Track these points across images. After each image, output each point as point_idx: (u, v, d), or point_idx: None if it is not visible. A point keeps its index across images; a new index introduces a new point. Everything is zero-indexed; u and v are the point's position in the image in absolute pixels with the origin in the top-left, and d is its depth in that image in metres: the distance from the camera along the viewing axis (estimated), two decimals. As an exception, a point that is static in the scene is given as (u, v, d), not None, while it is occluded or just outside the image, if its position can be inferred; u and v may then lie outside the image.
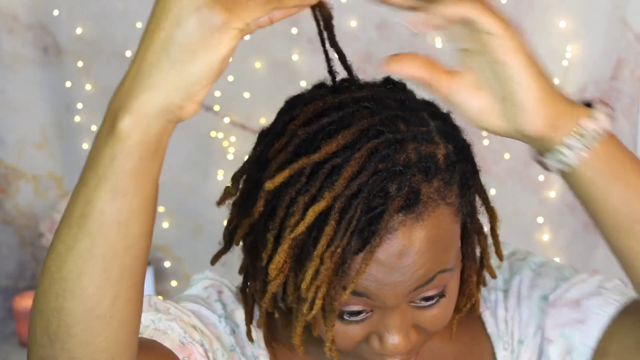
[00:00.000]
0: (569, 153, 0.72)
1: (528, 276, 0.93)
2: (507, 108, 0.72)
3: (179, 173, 2.17)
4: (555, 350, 0.88)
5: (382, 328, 0.79)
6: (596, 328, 0.87)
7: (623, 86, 2.12)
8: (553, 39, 2.10)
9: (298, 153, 0.76)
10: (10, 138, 2.15)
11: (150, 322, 0.85)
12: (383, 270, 0.76)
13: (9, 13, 2.09)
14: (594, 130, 0.72)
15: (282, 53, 2.07)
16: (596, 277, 0.91)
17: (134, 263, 0.66)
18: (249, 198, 0.81)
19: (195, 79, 0.61)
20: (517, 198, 2.18)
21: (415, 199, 0.75)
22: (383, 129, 0.76)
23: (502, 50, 0.70)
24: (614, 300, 0.87)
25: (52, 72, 2.14)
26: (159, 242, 2.22)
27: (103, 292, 0.65)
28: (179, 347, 0.83)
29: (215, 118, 2.13)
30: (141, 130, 0.62)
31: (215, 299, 0.92)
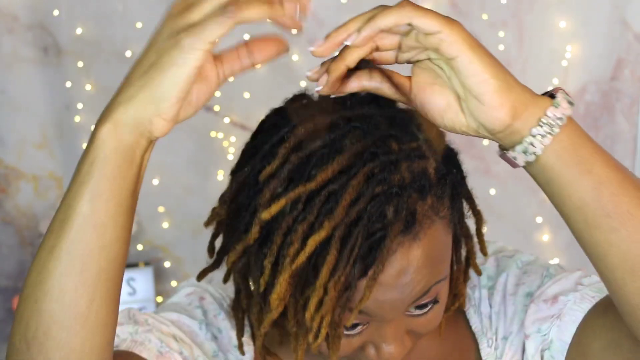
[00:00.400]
0: (536, 142, 0.72)
1: (514, 273, 0.94)
2: (468, 104, 0.72)
3: (179, 173, 2.17)
4: (531, 345, 0.89)
5: (379, 338, 0.80)
6: (572, 324, 0.87)
7: (623, 86, 2.12)
8: (553, 39, 2.10)
9: (292, 179, 0.76)
10: (10, 138, 2.15)
11: (128, 334, 0.86)
12: (382, 290, 0.76)
13: (9, 13, 2.09)
14: (557, 117, 0.72)
15: (282, 53, 2.06)
16: (577, 272, 0.91)
17: (109, 266, 0.69)
18: (240, 220, 0.80)
19: (162, 95, 0.67)
20: (517, 198, 2.18)
21: (412, 220, 0.75)
22: (377, 150, 0.76)
23: (445, 45, 0.69)
24: (590, 296, 0.87)
25: (52, 72, 2.14)
26: (159, 242, 2.22)
27: (80, 292, 0.68)
28: (156, 357, 0.84)
29: (215, 118, 2.13)
30: (116, 138, 0.68)
31: (197, 305, 0.93)
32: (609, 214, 0.72)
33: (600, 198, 0.72)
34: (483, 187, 2.17)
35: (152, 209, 2.19)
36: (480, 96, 0.70)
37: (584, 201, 0.72)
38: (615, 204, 0.72)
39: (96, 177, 0.68)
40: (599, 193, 0.72)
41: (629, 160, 2.17)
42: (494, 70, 0.70)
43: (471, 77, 0.70)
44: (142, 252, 2.22)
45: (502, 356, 0.92)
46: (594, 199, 0.72)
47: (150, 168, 2.54)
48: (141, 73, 0.68)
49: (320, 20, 2.03)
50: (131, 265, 2.16)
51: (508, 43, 2.12)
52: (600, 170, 0.72)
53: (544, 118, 0.72)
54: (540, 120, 0.71)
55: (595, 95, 2.14)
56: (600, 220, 0.72)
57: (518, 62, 2.13)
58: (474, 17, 2.08)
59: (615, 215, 0.72)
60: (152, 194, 2.18)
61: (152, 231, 2.21)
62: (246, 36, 0.67)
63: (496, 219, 2.17)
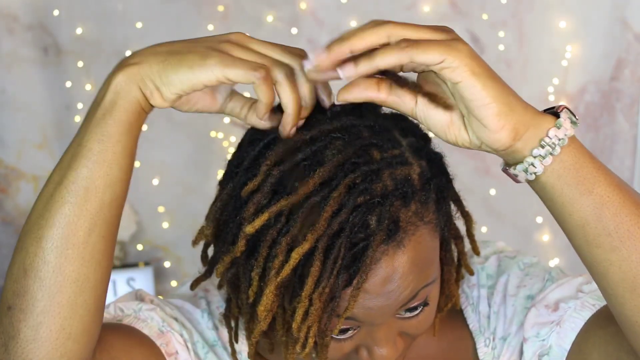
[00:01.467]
0: (537, 162, 0.73)
1: (516, 274, 0.94)
2: (470, 123, 0.73)
3: (179, 173, 2.17)
4: (529, 349, 0.89)
5: (371, 341, 0.81)
6: (572, 331, 0.87)
7: (623, 86, 2.12)
8: (553, 39, 2.10)
9: (275, 192, 0.77)
10: (10, 138, 2.15)
11: (132, 311, 0.89)
12: (369, 297, 0.77)
13: (9, 13, 2.09)
14: (558, 138, 0.72)
15: (282, 53, 2.06)
16: (579, 278, 0.91)
17: (112, 203, 0.75)
18: (227, 233, 0.81)
19: (170, 82, 0.74)
20: (517, 198, 2.18)
21: (395, 228, 0.76)
22: (358, 160, 0.76)
23: (448, 72, 0.70)
24: (591, 304, 0.88)
25: (52, 72, 2.14)
26: (159, 242, 2.22)
27: (81, 221, 0.73)
28: (157, 335, 0.87)
29: (215, 118, 2.13)
30: (129, 88, 0.75)
31: (201, 295, 0.95)
32: (610, 233, 0.72)
33: (602, 218, 0.72)
34: (483, 187, 2.17)
35: (152, 209, 2.20)
36: (482, 119, 0.71)
37: (585, 220, 0.73)
38: (617, 224, 0.72)
39: (108, 120, 0.74)
40: (600, 213, 0.72)
41: (629, 160, 2.17)
42: (496, 94, 0.71)
43: (473, 101, 0.71)
44: (142, 252, 2.22)
45: (500, 356, 0.92)
46: (595, 218, 0.72)
47: (150, 168, 2.54)
48: (170, 52, 0.75)
49: (320, 20, 2.03)
50: (131, 265, 2.16)
51: (508, 43, 2.12)
52: (601, 190, 0.73)
53: (546, 139, 0.72)
54: (542, 141, 0.72)
55: (595, 95, 2.14)
56: (601, 240, 0.73)
57: (518, 62, 2.13)
58: (474, 17, 2.08)
59: (616, 234, 0.72)
60: (152, 194, 2.18)
61: (152, 231, 2.21)
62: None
63: (496, 219, 2.17)
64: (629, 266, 0.72)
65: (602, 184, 0.73)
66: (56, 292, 0.73)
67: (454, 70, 0.70)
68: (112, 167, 0.74)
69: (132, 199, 2.18)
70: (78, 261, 0.74)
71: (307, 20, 2.04)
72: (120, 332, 0.85)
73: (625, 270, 0.73)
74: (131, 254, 2.22)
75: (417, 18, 2.09)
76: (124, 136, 0.75)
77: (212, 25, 2.04)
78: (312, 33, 2.05)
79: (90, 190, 0.74)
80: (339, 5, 2.04)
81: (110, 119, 0.74)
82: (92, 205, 0.74)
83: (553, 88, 2.13)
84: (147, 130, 2.15)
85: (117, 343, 0.83)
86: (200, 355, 0.91)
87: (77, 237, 0.73)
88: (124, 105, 0.75)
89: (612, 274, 0.73)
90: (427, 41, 0.71)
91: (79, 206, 0.73)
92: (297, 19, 2.03)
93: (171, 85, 0.74)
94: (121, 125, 0.75)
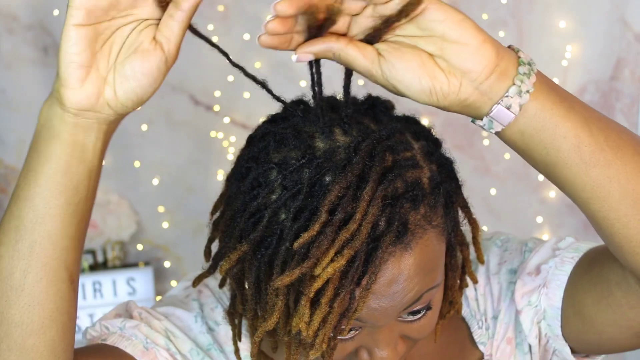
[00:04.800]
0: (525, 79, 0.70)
1: (495, 253, 0.95)
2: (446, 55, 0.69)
3: (179, 173, 2.17)
4: (526, 319, 0.90)
5: (371, 343, 0.81)
6: (558, 288, 0.88)
7: (623, 86, 2.12)
8: (553, 39, 2.10)
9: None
10: (10, 138, 2.15)
11: (118, 329, 0.88)
12: (374, 298, 0.77)
13: (9, 13, 2.09)
14: (533, 63, 0.71)
15: (282, 53, 2.06)
16: (552, 239, 0.92)
17: (43, 241, 0.71)
18: (234, 228, 0.80)
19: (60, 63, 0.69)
20: (517, 198, 2.18)
21: (404, 230, 0.76)
22: (372, 164, 0.75)
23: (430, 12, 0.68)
24: (570, 257, 0.89)
25: (52, 72, 2.14)
26: (159, 242, 2.22)
27: (14, 263, 0.71)
28: (141, 353, 0.86)
29: (215, 118, 2.13)
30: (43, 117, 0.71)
31: (194, 298, 0.94)
32: (603, 148, 0.71)
33: (591, 132, 0.71)
34: (483, 187, 2.17)
35: (152, 209, 2.20)
36: (461, 37, 0.68)
37: (579, 138, 0.71)
38: (605, 136, 0.72)
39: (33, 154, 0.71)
40: (589, 127, 0.71)
41: (629, 160, 2.16)
42: (480, 32, 0.69)
43: (446, 20, 0.68)
44: (142, 252, 2.22)
45: (495, 335, 0.92)
46: (587, 133, 0.71)
47: (150, 168, 2.54)
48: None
49: (320, 20, 2.03)
50: (131, 265, 2.16)
51: (508, 43, 2.12)
52: (579, 107, 0.72)
53: (522, 56, 0.71)
54: (520, 60, 0.71)
55: (595, 95, 2.14)
56: (597, 156, 0.71)
57: (518, 62, 2.13)
58: (474, 17, 2.07)
59: (608, 147, 0.71)
60: (152, 194, 2.18)
61: (152, 231, 2.21)
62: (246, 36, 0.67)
63: (496, 219, 2.17)
64: (627, 178, 0.72)
65: (576, 101, 0.72)
66: (4, 336, 0.72)
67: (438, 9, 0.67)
68: (36, 203, 0.71)
69: (132, 199, 2.18)
70: (18, 304, 0.71)
71: (307, 20, 2.04)
72: (96, 355, 0.84)
73: (624, 183, 0.72)
74: (131, 254, 2.22)
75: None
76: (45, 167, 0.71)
77: (212, 25, 2.04)
78: (312, 33, 2.04)
79: (20, 229, 0.71)
80: (339, 5, 2.04)
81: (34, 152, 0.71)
82: (23, 245, 0.71)
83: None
84: (147, 130, 2.16)
85: None
86: None
87: (14, 280, 0.71)
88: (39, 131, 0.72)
89: (613, 192, 0.72)
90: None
91: (12, 246, 0.71)
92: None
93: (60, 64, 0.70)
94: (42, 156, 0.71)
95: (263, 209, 0.77)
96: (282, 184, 0.76)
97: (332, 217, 0.73)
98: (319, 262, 0.73)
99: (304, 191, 0.75)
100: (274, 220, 0.76)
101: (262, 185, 0.78)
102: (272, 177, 0.77)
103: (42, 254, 0.71)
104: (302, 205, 0.75)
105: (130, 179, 2.17)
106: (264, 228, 0.76)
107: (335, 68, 0.77)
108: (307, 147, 0.77)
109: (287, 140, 0.78)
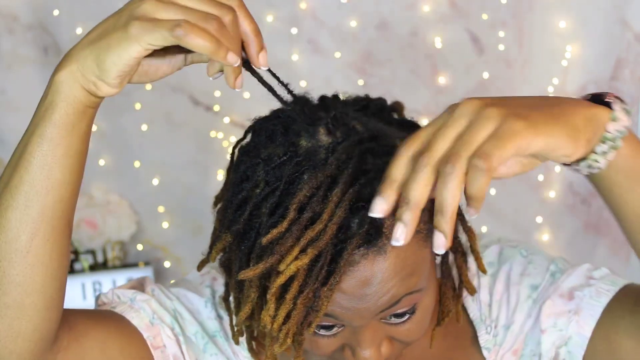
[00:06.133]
0: (600, 158, 0.71)
1: (519, 262, 0.94)
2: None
3: (179, 173, 2.17)
4: (547, 339, 0.89)
5: (355, 342, 0.81)
6: (591, 318, 0.87)
7: (623, 86, 2.12)
8: (553, 39, 2.10)
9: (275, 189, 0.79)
10: (10, 138, 2.15)
11: (128, 299, 0.90)
12: (346, 297, 0.77)
13: (9, 13, 2.09)
14: (618, 131, 0.71)
15: (282, 53, 2.06)
16: (584, 265, 0.92)
17: (55, 206, 0.73)
18: (225, 219, 0.82)
19: (105, 68, 0.71)
20: (517, 198, 2.18)
21: (377, 234, 0.76)
22: (352, 164, 0.76)
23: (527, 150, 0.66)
24: (606, 290, 0.88)
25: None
26: (159, 242, 2.22)
27: (23, 226, 0.72)
28: (146, 327, 0.89)
29: (215, 118, 2.13)
30: (68, 87, 0.72)
31: (207, 284, 0.96)
32: None
33: None
34: (483, 187, 2.17)
35: (152, 209, 2.20)
36: (559, 158, 0.69)
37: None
38: None
39: (47, 122, 0.72)
40: None
41: (629, 160, 2.16)
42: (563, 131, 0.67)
43: (551, 153, 0.67)
44: (142, 252, 2.22)
45: (503, 343, 0.92)
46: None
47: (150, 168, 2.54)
48: (95, 38, 0.72)
49: (320, 20, 2.03)
50: (131, 265, 2.16)
51: (508, 43, 2.12)
52: None
53: (606, 134, 0.71)
54: (603, 137, 0.71)
55: (595, 95, 2.14)
56: None
57: (518, 62, 2.13)
58: (474, 17, 2.08)
59: None
60: (152, 194, 2.18)
61: (152, 231, 2.21)
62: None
63: (496, 219, 2.17)
64: None
65: None
66: (2, 294, 0.74)
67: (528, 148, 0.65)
68: (53, 170, 0.73)
69: (132, 199, 2.18)
70: (22, 265, 0.73)
71: (307, 20, 2.04)
72: (100, 321, 0.86)
73: None
74: (131, 254, 2.22)
75: (417, 18, 2.09)
76: (66, 138, 0.73)
77: (212, 25, 2.04)
78: (312, 33, 2.05)
79: (31, 195, 0.73)
80: (339, 5, 2.04)
81: (49, 122, 0.72)
82: (34, 210, 0.73)
83: (553, 88, 2.13)
84: (147, 130, 2.16)
85: (92, 333, 0.83)
86: (200, 346, 0.92)
87: (20, 242, 0.73)
88: (63, 107, 0.72)
89: None
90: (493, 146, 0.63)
91: (20, 211, 0.73)
92: (297, 19, 2.03)
93: (108, 71, 0.71)
94: (61, 128, 0.73)
95: (246, 202, 0.79)
96: (265, 179, 0.78)
97: (300, 215, 0.75)
98: (283, 258, 0.74)
99: (280, 188, 0.77)
100: (255, 214, 0.78)
101: (249, 178, 0.80)
102: (257, 172, 0.79)
103: (52, 217, 0.74)
104: (278, 202, 0.77)
105: (130, 179, 2.17)
106: (246, 221, 0.78)
107: (335, 68, 0.77)
108: (291, 145, 0.78)
109: (276, 136, 0.80)
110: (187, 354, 0.90)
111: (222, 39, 0.69)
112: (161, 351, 0.89)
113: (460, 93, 2.01)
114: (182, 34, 0.67)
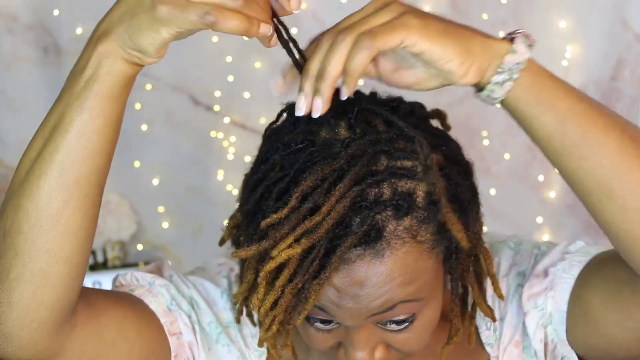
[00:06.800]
0: (497, 88, 0.75)
1: (508, 255, 0.95)
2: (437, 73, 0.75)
3: (179, 173, 2.17)
4: (531, 322, 0.90)
5: (348, 341, 0.81)
6: (565, 291, 0.88)
7: (623, 86, 2.12)
8: (553, 39, 2.10)
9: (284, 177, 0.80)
10: (10, 138, 2.15)
11: (147, 283, 0.90)
12: (337, 294, 0.77)
13: (9, 13, 2.09)
14: (516, 63, 0.75)
15: (282, 53, 2.06)
16: (563, 243, 0.93)
17: (90, 175, 0.73)
18: (242, 198, 0.84)
19: (142, 45, 0.71)
20: (517, 198, 2.18)
21: (377, 236, 0.76)
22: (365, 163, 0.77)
23: (410, 48, 0.72)
24: (578, 261, 0.89)
25: (52, 72, 2.14)
26: (159, 242, 2.22)
27: (55, 194, 0.72)
28: (164, 312, 0.89)
29: (215, 118, 2.13)
30: (112, 61, 0.72)
31: (224, 275, 0.96)
32: (576, 144, 0.74)
33: (565, 130, 0.75)
34: (483, 187, 2.16)
35: (152, 209, 2.20)
36: (449, 73, 0.74)
37: (549, 134, 0.75)
38: (582, 134, 0.74)
39: (88, 94, 0.72)
40: (564, 126, 0.75)
41: (629, 160, 2.16)
42: (455, 48, 0.73)
43: (437, 61, 0.73)
44: (142, 252, 2.22)
45: (502, 337, 0.92)
46: (559, 131, 0.75)
47: (150, 168, 2.53)
48: (124, 16, 0.71)
49: (320, 20, 2.03)
50: (131, 265, 2.16)
51: (508, 43, 2.12)
52: (563, 105, 0.76)
53: (502, 65, 0.75)
54: (499, 68, 0.75)
55: (595, 95, 2.14)
56: (569, 150, 0.75)
57: (518, 62, 2.13)
58: (474, 17, 2.08)
59: (583, 144, 0.74)
60: (152, 194, 2.18)
61: (152, 231, 2.21)
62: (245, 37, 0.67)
63: (496, 219, 2.17)
64: (602, 171, 0.74)
65: (562, 100, 0.76)
66: (28, 261, 0.73)
67: (414, 45, 0.72)
68: (92, 140, 0.73)
69: (132, 199, 2.18)
70: (51, 233, 0.73)
71: (307, 20, 2.04)
72: (118, 301, 0.86)
73: (599, 176, 0.75)
74: (131, 254, 2.22)
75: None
76: (107, 109, 0.73)
77: (212, 25, 2.04)
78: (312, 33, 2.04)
79: (67, 163, 0.73)
80: (339, 5, 2.04)
81: (91, 92, 0.72)
82: (69, 178, 0.73)
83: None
84: (147, 130, 2.16)
85: (110, 312, 0.84)
86: (213, 336, 0.92)
87: (51, 209, 0.73)
88: (108, 80, 0.72)
89: (586, 181, 0.75)
90: (381, 30, 0.72)
91: (54, 179, 0.73)
92: (297, 19, 2.03)
93: (147, 49, 0.71)
94: (104, 99, 0.72)
95: (260, 184, 0.80)
96: (281, 163, 0.79)
97: (302, 204, 0.75)
98: (276, 244, 0.75)
99: (290, 174, 0.77)
100: (266, 196, 0.79)
101: (267, 160, 0.81)
102: (275, 155, 0.80)
103: (86, 186, 0.74)
104: (285, 187, 0.77)
105: (130, 179, 2.17)
106: (256, 201, 0.79)
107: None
108: (310, 134, 0.79)
109: (299, 123, 0.80)
110: (201, 343, 0.91)
111: (251, 11, 0.70)
112: (177, 338, 0.89)
113: (461, 93, 2.01)
114: (213, 21, 0.68)
